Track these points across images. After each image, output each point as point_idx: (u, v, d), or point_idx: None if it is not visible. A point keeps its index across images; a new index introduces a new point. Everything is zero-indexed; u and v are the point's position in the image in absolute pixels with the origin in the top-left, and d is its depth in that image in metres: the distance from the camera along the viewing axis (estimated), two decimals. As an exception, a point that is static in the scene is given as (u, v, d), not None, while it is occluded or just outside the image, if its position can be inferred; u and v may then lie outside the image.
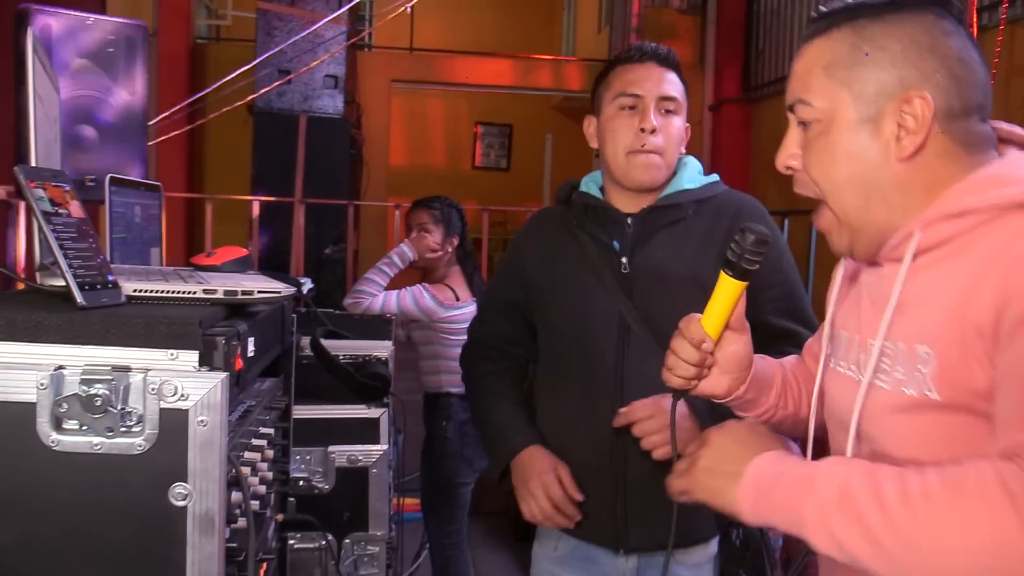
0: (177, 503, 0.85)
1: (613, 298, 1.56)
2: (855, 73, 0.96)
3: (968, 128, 0.95)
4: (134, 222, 1.72)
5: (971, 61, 0.95)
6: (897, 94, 0.94)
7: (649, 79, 1.58)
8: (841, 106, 0.97)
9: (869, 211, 0.98)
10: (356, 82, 7.28)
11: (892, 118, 0.95)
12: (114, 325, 0.86)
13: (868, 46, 0.96)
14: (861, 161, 0.97)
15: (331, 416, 1.57)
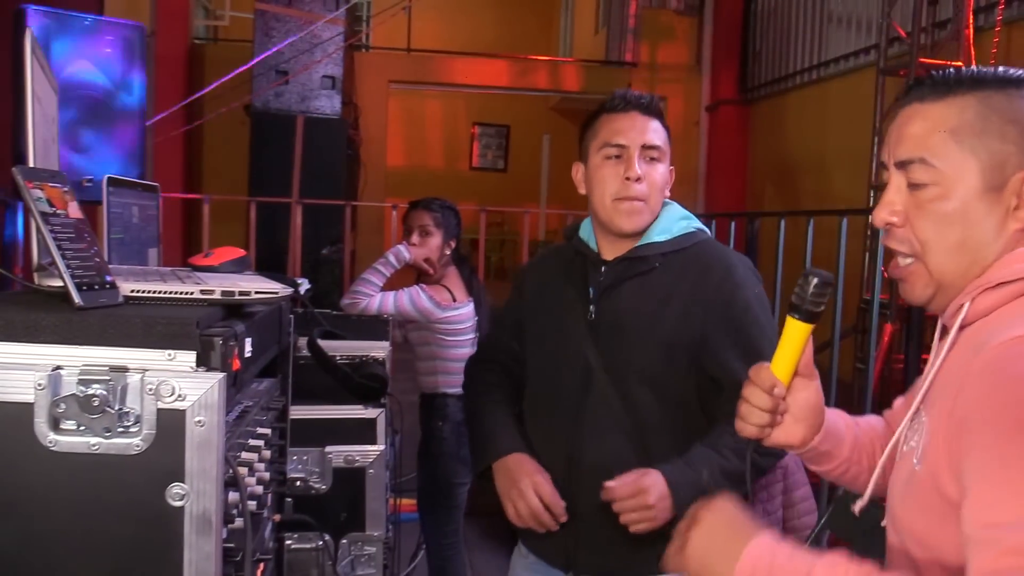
0: (174, 503, 0.85)
1: (580, 342, 1.63)
2: (984, 142, 0.98)
3: None
4: (132, 223, 1.72)
5: None
6: (1021, 168, 0.97)
7: (633, 128, 1.63)
8: (967, 173, 0.98)
9: (967, 276, 1.00)
10: (353, 83, 7.28)
11: (1013, 190, 0.97)
12: (112, 325, 0.86)
13: (998, 117, 0.97)
14: (978, 228, 0.98)
15: (328, 416, 1.57)
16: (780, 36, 8.04)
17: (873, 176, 5.04)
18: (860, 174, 5.44)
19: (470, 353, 3.09)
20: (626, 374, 1.60)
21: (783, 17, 8.02)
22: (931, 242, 1.01)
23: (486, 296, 3.23)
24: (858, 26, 6.80)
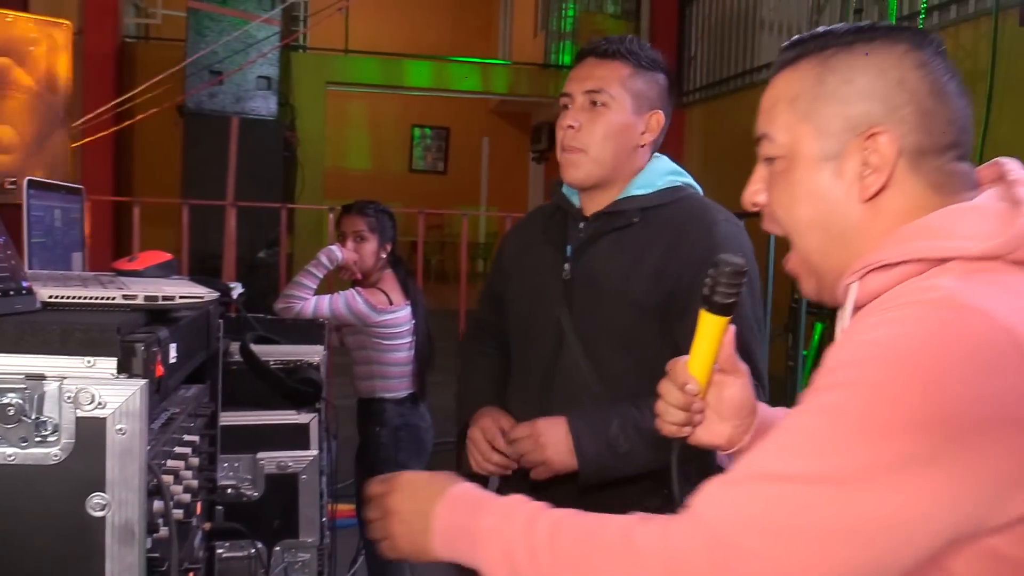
0: (95, 513, 0.83)
1: (554, 303, 1.57)
2: (818, 107, 0.91)
3: (940, 167, 0.88)
4: (54, 226, 1.68)
5: (946, 95, 0.88)
6: (861, 130, 0.88)
7: (579, 75, 1.56)
8: (804, 141, 0.92)
9: (830, 254, 0.93)
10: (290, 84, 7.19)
11: (856, 155, 0.89)
12: (28, 332, 0.84)
13: (833, 77, 0.90)
14: (823, 200, 0.91)
15: (260, 423, 1.55)
16: (714, 41, 8.20)
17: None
18: (791, 177, 5.56)
19: (407, 357, 3.10)
20: (598, 337, 1.52)
21: (717, 23, 8.18)
22: (785, 219, 0.95)
23: (423, 299, 3.22)
24: (788, 33, 6.97)
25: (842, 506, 0.74)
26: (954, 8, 5.10)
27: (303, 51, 8.98)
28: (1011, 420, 0.73)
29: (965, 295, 0.76)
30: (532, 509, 0.91)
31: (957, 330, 0.75)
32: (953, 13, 5.11)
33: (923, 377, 0.74)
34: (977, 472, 0.73)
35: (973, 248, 0.81)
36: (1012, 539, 0.75)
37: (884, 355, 0.76)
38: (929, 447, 0.72)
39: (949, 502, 0.73)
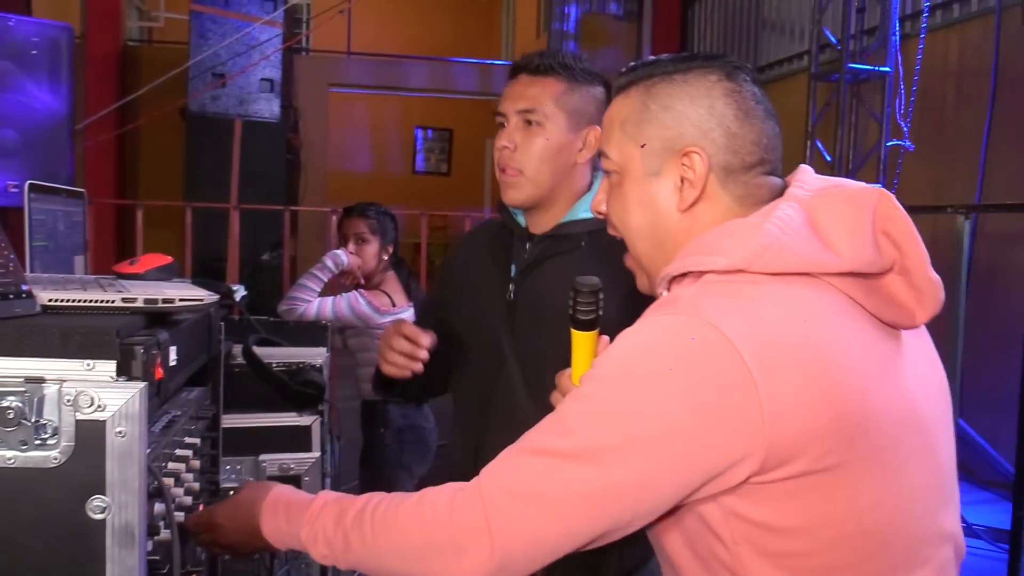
0: (95, 516, 0.83)
1: (497, 325, 1.52)
2: (643, 130, 1.04)
3: (746, 182, 1.01)
4: (56, 230, 1.68)
5: (752, 119, 1.01)
6: (677, 149, 1.01)
7: (512, 95, 1.52)
8: (632, 160, 1.05)
9: (655, 258, 1.06)
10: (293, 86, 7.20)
11: (675, 172, 1.02)
12: (27, 336, 0.84)
13: (655, 104, 1.03)
14: (648, 210, 1.05)
15: (262, 425, 1.55)
16: (716, 42, 8.19)
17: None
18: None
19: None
20: (539, 363, 1.45)
21: (720, 23, 8.18)
22: (619, 226, 1.09)
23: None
24: (791, 33, 6.97)
25: (579, 477, 0.90)
26: (957, 7, 5.09)
27: (305, 53, 8.99)
28: (715, 407, 0.87)
29: (696, 304, 0.91)
30: (338, 505, 1.03)
31: (679, 335, 0.89)
32: (956, 12, 5.10)
33: (646, 374, 0.90)
34: (688, 451, 0.88)
35: (721, 263, 0.94)
36: (740, 499, 0.90)
37: (624, 355, 0.92)
38: (646, 431, 0.88)
39: (664, 476, 0.89)
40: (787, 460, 0.87)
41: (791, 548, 0.90)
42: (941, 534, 0.97)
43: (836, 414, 0.87)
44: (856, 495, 0.89)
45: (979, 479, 4.47)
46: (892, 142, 5.02)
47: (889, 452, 0.91)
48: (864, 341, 0.93)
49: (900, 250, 0.96)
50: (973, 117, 4.88)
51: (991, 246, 4.50)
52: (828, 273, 0.93)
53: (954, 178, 5.07)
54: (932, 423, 0.97)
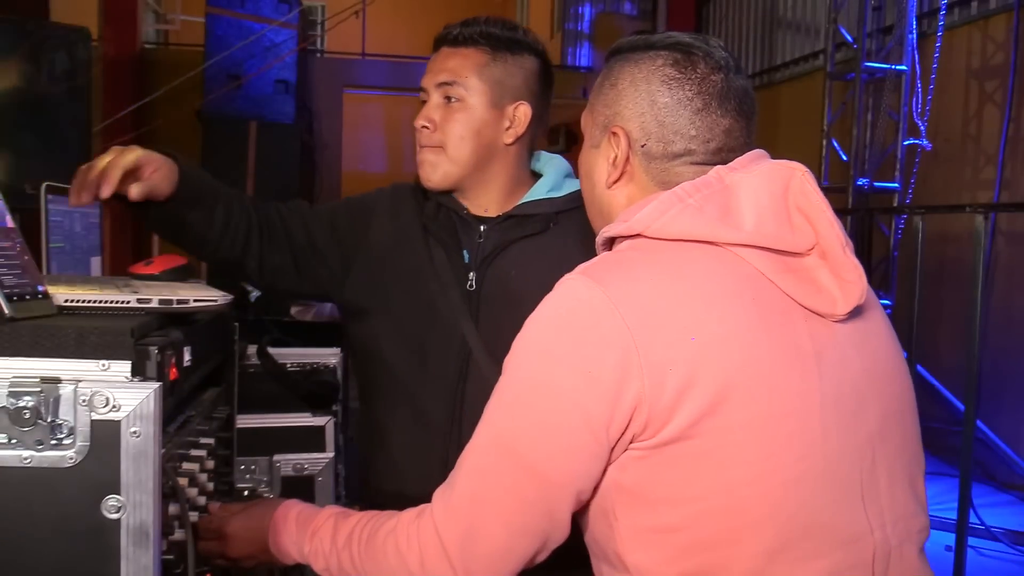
0: (110, 516, 0.83)
1: (456, 317, 1.37)
2: (595, 103, 1.08)
3: (668, 169, 1.02)
4: (73, 231, 1.69)
5: (684, 109, 1.01)
6: (610, 127, 1.04)
7: (433, 67, 1.42)
8: (586, 129, 1.10)
9: (596, 224, 1.10)
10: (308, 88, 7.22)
11: (607, 148, 1.05)
12: (43, 336, 0.84)
13: (607, 81, 1.06)
14: (589, 181, 1.10)
15: (276, 425, 1.55)
16: (731, 41, 8.15)
17: (823, 178, 5.14)
18: (810, 176, 5.54)
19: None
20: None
21: (734, 22, 8.15)
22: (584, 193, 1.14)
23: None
24: (807, 32, 6.93)
25: (500, 466, 0.93)
26: (975, 4, 5.04)
27: (320, 55, 9.03)
28: (598, 363, 0.88)
29: (587, 269, 0.94)
30: (335, 523, 1.06)
31: (567, 301, 0.93)
32: (974, 9, 5.06)
33: (538, 347, 0.93)
34: (584, 414, 0.89)
35: (622, 228, 0.98)
36: (619, 469, 0.91)
37: (525, 333, 0.95)
38: (544, 403, 0.91)
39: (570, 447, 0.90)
40: (668, 419, 0.87)
41: (663, 522, 0.90)
42: (838, 533, 0.91)
43: (714, 375, 0.87)
44: (728, 467, 0.88)
45: (998, 481, 4.43)
46: (909, 141, 4.98)
47: (772, 429, 0.88)
48: (762, 313, 0.91)
49: (814, 229, 0.95)
50: (991, 116, 4.84)
51: (1011, 245, 4.46)
52: (731, 244, 0.93)
53: (972, 177, 5.03)
54: (848, 418, 0.92)
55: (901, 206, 5.01)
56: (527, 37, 1.44)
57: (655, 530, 0.90)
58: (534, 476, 0.92)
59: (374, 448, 1.45)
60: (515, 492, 0.92)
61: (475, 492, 0.94)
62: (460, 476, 0.96)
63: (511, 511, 0.93)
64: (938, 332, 4.69)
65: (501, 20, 1.44)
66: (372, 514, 1.05)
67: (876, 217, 5.05)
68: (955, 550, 3.07)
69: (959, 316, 4.08)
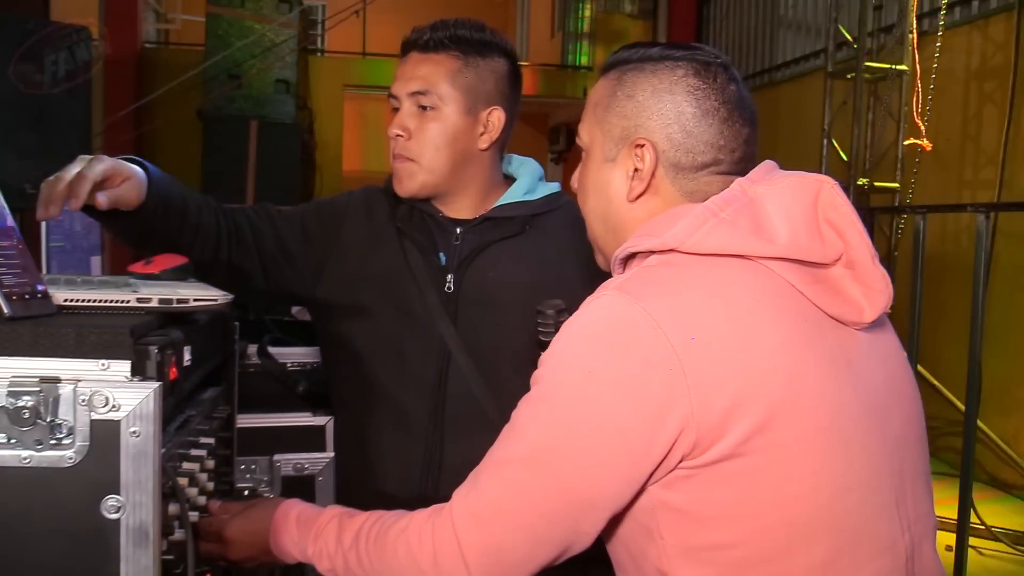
0: (110, 516, 0.83)
1: (434, 320, 1.37)
2: (607, 115, 1.04)
3: (695, 179, 1.00)
4: (74, 230, 1.69)
5: (712, 120, 1.00)
6: (632, 139, 1.01)
7: (403, 74, 1.39)
8: (595, 143, 1.06)
9: (608, 241, 1.07)
10: (308, 87, 7.23)
11: (628, 161, 1.02)
12: (43, 336, 0.84)
13: (621, 91, 1.03)
14: (603, 195, 1.05)
15: (276, 425, 1.55)
16: (732, 40, 8.15)
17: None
18: (811, 176, 5.54)
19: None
20: (495, 359, 1.35)
21: (735, 21, 8.14)
22: (581, 207, 1.10)
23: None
24: (807, 31, 6.93)
25: (532, 479, 0.90)
26: (976, 4, 5.04)
27: (321, 54, 9.02)
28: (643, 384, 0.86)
29: (623, 285, 0.91)
30: (340, 523, 1.04)
31: (605, 318, 0.90)
32: (975, 9, 5.05)
33: (577, 364, 0.90)
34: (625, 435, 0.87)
35: (655, 243, 0.95)
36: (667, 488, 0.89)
37: (559, 348, 0.92)
38: (584, 422, 0.88)
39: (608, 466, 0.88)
40: (717, 438, 0.86)
41: (715, 540, 0.88)
42: (881, 539, 0.93)
43: (763, 392, 0.86)
44: (782, 483, 0.87)
45: (1000, 482, 4.43)
46: (909, 141, 4.98)
47: (820, 442, 0.89)
48: (800, 326, 0.92)
49: (844, 241, 0.96)
50: (992, 115, 4.83)
51: (1012, 246, 4.46)
52: (764, 257, 0.92)
53: (973, 177, 5.02)
54: (879, 425, 0.94)
55: (902, 205, 5.01)
56: (496, 38, 1.43)
57: (706, 548, 0.89)
58: (566, 493, 0.90)
59: (353, 450, 1.46)
60: (545, 507, 0.91)
61: (503, 503, 0.92)
62: (488, 484, 0.93)
63: (538, 525, 0.91)
64: (938, 332, 4.69)
65: (470, 22, 1.42)
66: (379, 514, 1.03)
67: (876, 217, 5.05)
68: (955, 550, 3.06)
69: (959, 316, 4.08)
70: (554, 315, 1.11)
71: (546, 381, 0.93)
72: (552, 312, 1.12)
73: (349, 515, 1.06)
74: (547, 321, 1.12)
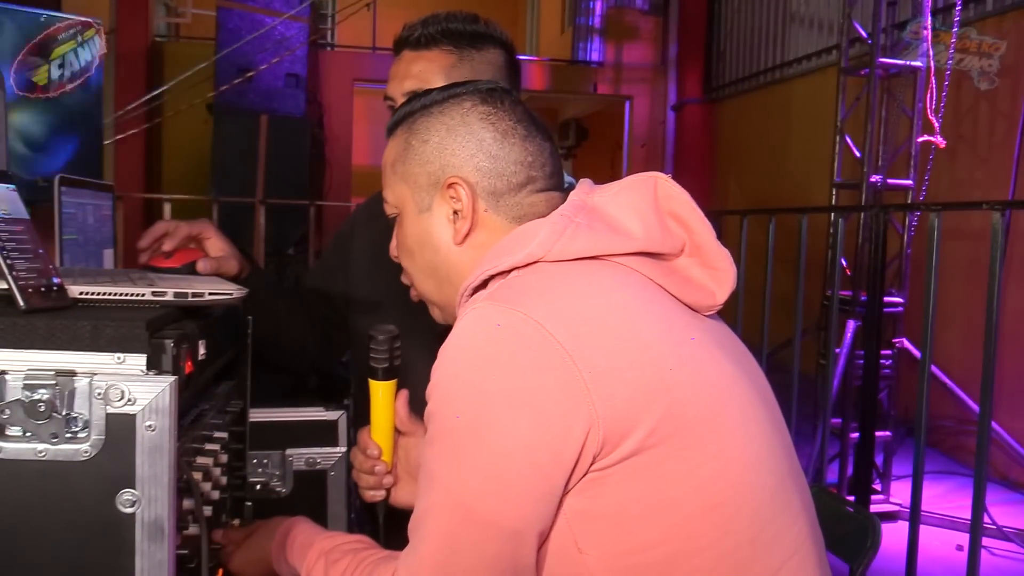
0: (125, 510, 0.83)
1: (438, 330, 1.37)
2: (409, 167, 1.03)
3: (519, 202, 1.00)
4: (86, 223, 1.69)
5: (511, 139, 1.00)
6: (442, 181, 1.00)
7: (397, 73, 1.38)
8: (404, 200, 1.04)
9: (443, 293, 1.04)
10: (318, 81, 7.23)
11: (444, 205, 1.00)
12: (58, 329, 0.84)
13: (415, 140, 1.02)
14: (428, 248, 1.03)
15: (288, 419, 1.55)
16: (744, 36, 8.11)
17: (836, 174, 5.11)
18: (822, 172, 5.51)
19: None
20: None
21: (747, 17, 8.10)
22: (408, 268, 1.08)
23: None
24: (820, 27, 6.89)
25: (454, 523, 0.85)
26: (990, 0, 5.00)
27: (331, 49, 9.02)
28: (538, 391, 0.82)
29: (493, 297, 0.88)
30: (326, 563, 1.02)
31: (482, 332, 0.85)
32: (990, 5, 5.02)
33: (465, 389, 0.85)
34: (532, 451, 0.83)
35: (518, 258, 0.92)
36: (582, 496, 0.85)
37: (441, 379, 0.87)
38: (486, 448, 0.84)
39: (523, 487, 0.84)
40: (627, 432, 0.83)
41: (640, 540, 0.86)
42: (790, 509, 0.93)
43: (658, 378, 0.85)
44: (694, 467, 0.86)
45: (1011, 481, 4.41)
46: (923, 138, 4.94)
47: (721, 420, 0.88)
48: (672, 314, 0.93)
49: (687, 228, 0.97)
50: (1006, 112, 4.80)
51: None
52: (622, 254, 0.93)
53: (987, 174, 4.99)
54: (748, 400, 0.94)
55: (916, 203, 4.98)
56: (490, 28, 1.40)
57: (632, 551, 0.86)
58: (491, 529, 0.85)
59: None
60: (476, 550, 0.85)
61: (437, 557, 0.87)
62: (421, 542, 0.89)
63: (478, 570, 0.86)
64: (951, 331, 4.66)
65: (462, 14, 1.39)
66: (357, 561, 1.00)
67: (889, 214, 5.02)
68: (968, 550, 3.05)
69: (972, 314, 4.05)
70: (387, 340, 1.09)
71: (438, 416, 0.87)
72: (384, 338, 1.10)
73: (334, 554, 1.03)
74: (379, 348, 1.10)
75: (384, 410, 1.13)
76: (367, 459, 1.17)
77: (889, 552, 3.00)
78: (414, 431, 1.19)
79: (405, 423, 1.19)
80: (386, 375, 1.10)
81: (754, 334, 3.67)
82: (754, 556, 0.89)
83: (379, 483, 1.18)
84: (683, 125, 8.81)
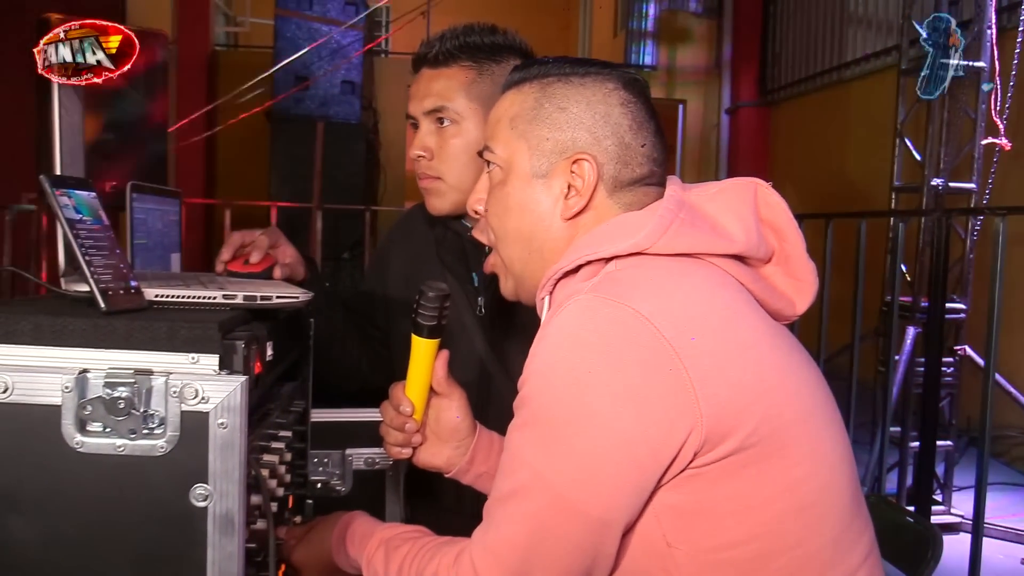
0: (198, 504, 0.86)
1: (472, 339, 1.37)
2: (534, 128, 0.99)
3: (633, 192, 0.99)
4: (155, 228, 1.74)
5: (645, 132, 0.99)
6: (569, 154, 0.97)
7: (417, 93, 1.36)
8: (518, 158, 1.00)
9: (528, 264, 1.01)
10: (373, 88, 7.32)
11: (563, 177, 0.98)
12: (136, 330, 0.88)
13: (550, 104, 0.99)
14: (530, 214, 0.99)
15: (349, 419, 1.58)
16: (800, 38, 8.00)
17: (895, 178, 5.01)
18: (881, 176, 5.40)
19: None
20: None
21: (803, 19, 7.99)
22: (495, 227, 1.03)
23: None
24: (878, 27, 6.76)
25: (541, 508, 0.86)
26: (1058, -3, 4.86)
27: (385, 56, 9.13)
28: (643, 387, 0.82)
29: (600, 288, 0.86)
30: (386, 551, 1.03)
31: (590, 323, 0.84)
32: (1057, 2, 4.87)
33: (568, 378, 0.84)
34: (630, 444, 0.83)
35: (621, 246, 0.91)
36: (675, 491, 0.86)
37: (542, 366, 0.86)
38: (584, 438, 0.83)
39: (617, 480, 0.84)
40: (728, 433, 0.84)
41: (730, 537, 0.87)
42: (862, 513, 0.96)
43: (758, 379, 0.86)
44: (789, 466, 0.87)
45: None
46: (987, 140, 4.82)
47: (809, 424, 0.90)
48: (763, 318, 0.94)
49: (781, 236, 0.98)
50: (1075, 113, 4.65)
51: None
52: (718, 255, 0.93)
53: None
54: (829, 405, 0.97)
55: (979, 207, 4.86)
56: (509, 39, 1.39)
57: (721, 548, 0.87)
58: (578, 516, 0.85)
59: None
60: (561, 535, 0.86)
61: (516, 537, 0.88)
62: (501, 520, 0.89)
63: (558, 555, 0.87)
64: (1015, 338, 4.53)
65: (479, 27, 1.38)
66: (418, 547, 1.00)
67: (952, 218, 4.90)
68: (1034, 563, 2.96)
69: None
70: (437, 298, 1.05)
71: (535, 401, 0.87)
72: (435, 295, 1.05)
73: (395, 541, 1.04)
74: (429, 304, 1.05)
75: (423, 368, 1.10)
76: (398, 416, 1.14)
77: (950, 565, 2.93)
78: (449, 394, 1.17)
79: (442, 384, 1.16)
80: (431, 333, 1.08)
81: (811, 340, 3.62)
82: (835, 558, 0.90)
83: (407, 440, 1.16)
84: (737, 128, 8.72)
